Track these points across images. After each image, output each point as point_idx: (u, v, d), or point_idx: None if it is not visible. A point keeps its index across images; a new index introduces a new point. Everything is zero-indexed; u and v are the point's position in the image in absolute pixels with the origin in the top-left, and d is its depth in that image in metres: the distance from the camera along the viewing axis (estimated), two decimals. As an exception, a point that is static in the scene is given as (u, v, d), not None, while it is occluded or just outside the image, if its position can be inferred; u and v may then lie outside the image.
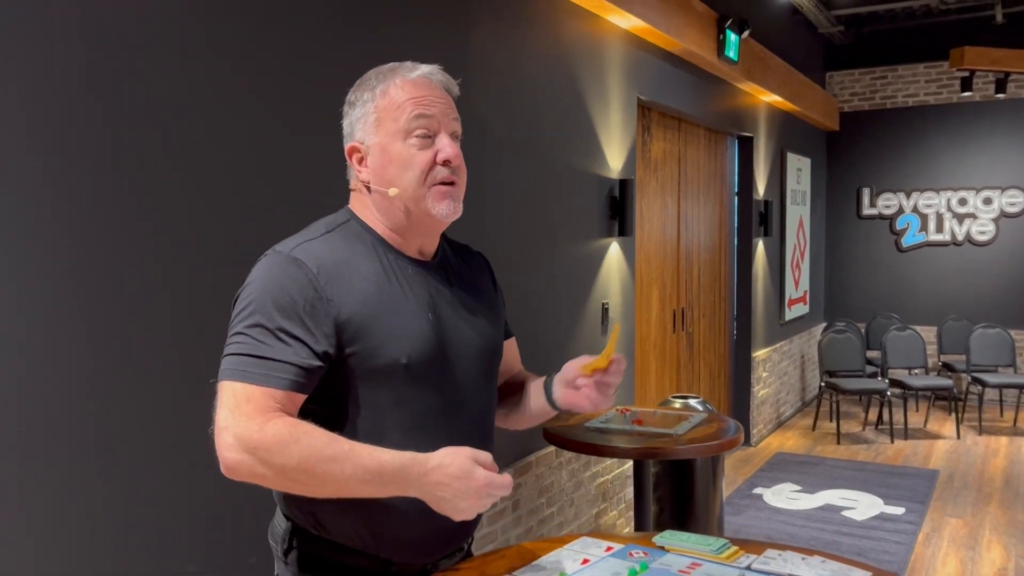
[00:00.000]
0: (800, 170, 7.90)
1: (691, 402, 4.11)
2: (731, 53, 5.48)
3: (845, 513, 5.09)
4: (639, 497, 3.59)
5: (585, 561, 1.48)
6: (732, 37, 5.46)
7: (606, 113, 4.26)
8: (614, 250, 4.39)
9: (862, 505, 5.24)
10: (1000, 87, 7.39)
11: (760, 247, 6.89)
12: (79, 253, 1.87)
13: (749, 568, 1.44)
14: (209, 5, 2.17)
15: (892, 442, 6.84)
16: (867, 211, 8.81)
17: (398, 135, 1.43)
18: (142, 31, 2.00)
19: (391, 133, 1.43)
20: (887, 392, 6.95)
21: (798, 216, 7.88)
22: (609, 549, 1.53)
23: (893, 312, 8.50)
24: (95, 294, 1.90)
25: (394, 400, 1.41)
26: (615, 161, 4.35)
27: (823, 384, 7.28)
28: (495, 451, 1.49)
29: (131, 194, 1.98)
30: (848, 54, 8.79)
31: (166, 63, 2.05)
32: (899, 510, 5.13)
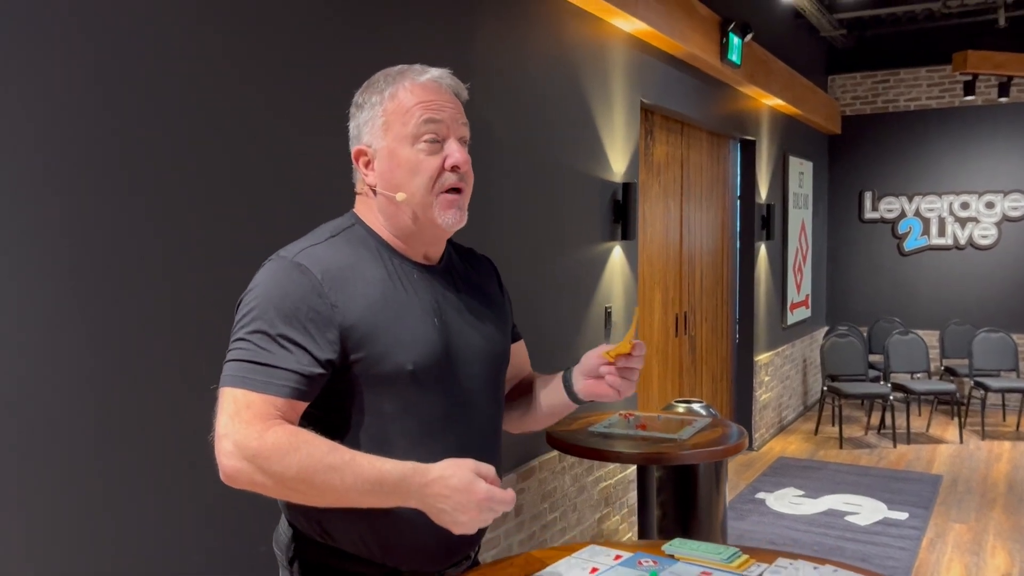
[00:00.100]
0: (802, 174, 7.89)
1: (694, 406, 4.09)
2: (734, 56, 5.47)
3: (848, 518, 5.07)
4: (643, 502, 3.57)
5: (594, 570, 1.47)
6: (735, 40, 5.45)
7: (609, 116, 4.24)
8: (617, 254, 4.37)
9: (865, 510, 5.22)
10: (1003, 91, 7.39)
11: (762, 251, 6.88)
12: (79, 253, 1.85)
13: (760, 577, 1.43)
14: (211, 5, 2.15)
15: (895, 447, 6.82)
16: (869, 215, 8.79)
17: (406, 139, 1.41)
18: (145, 31, 1.98)
19: (399, 137, 1.41)
20: (890, 396, 6.93)
21: (800, 220, 7.87)
22: (618, 558, 1.51)
23: (895, 316, 8.48)
24: (95, 294, 1.88)
25: (400, 407, 1.40)
26: (618, 164, 4.34)
27: (825, 388, 7.26)
28: (504, 456, 1.48)
29: (133, 195, 1.96)
30: (850, 58, 8.78)
31: (167, 63, 2.04)
32: (903, 515, 5.11)
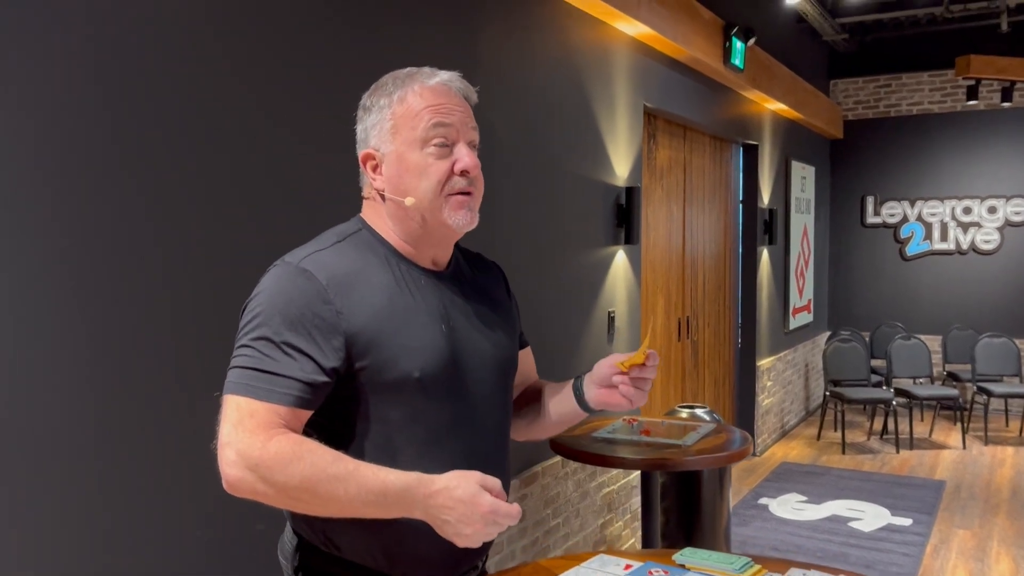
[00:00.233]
0: (804, 178, 7.87)
1: (698, 412, 4.08)
2: (737, 61, 5.46)
3: (852, 524, 5.04)
4: (647, 508, 3.55)
5: (603, 580, 1.45)
6: (738, 45, 5.44)
7: (613, 120, 4.23)
8: (620, 258, 4.35)
9: (869, 516, 5.19)
10: (1006, 96, 7.38)
11: (765, 255, 6.86)
12: (79, 254, 1.84)
13: (772, 588, 1.41)
14: (213, 6, 2.14)
15: (898, 452, 6.80)
16: (871, 219, 8.78)
17: (415, 144, 1.39)
18: (146, 31, 1.97)
19: (408, 141, 1.39)
20: (892, 401, 6.91)
21: (802, 224, 7.85)
22: (628, 567, 1.49)
23: (897, 321, 8.47)
24: (95, 295, 1.87)
25: (407, 414, 1.38)
26: (621, 168, 4.32)
27: (828, 393, 7.24)
28: (512, 464, 1.46)
29: (133, 195, 1.94)
30: (852, 62, 8.77)
31: (168, 63, 2.02)
32: (906, 521, 5.09)
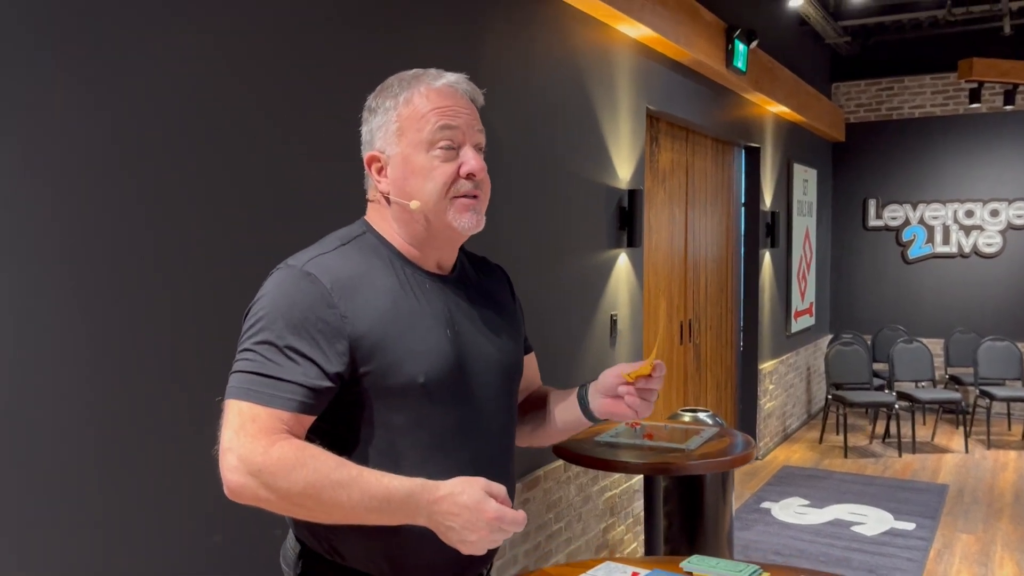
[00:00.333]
0: (806, 181, 7.86)
1: (701, 415, 4.06)
2: (739, 63, 5.44)
3: (855, 528, 5.03)
4: (650, 513, 3.53)
5: (609, 587, 1.43)
6: (740, 47, 5.43)
7: (615, 122, 4.22)
8: (623, 261, 4.34)
9: (872, 520, 5.18)
10: (1008, 99, 7.37)
11: (767, 258, 6.85)
12: (79, 254, 1.82)
13: (780, 596, 1.39)
14: (215, 7, 2.13)
15: (900, 456, 6.79)
16: (873, 222, 8.76)
17: (421, 146, 1.38)
18: (146, 31, 1.96)
19: (414, 144, 1.38)
20: (894, 405, 6.89)
21: (804, 227, 7.84)
22: (635, 574, 1.48)
23: (900, 324, 8.45)
24: (95, 296, 1.85)
25: (411, 419, 1.36)
26: (624, 171, 4.31)
27: (830, 397, 7.22)
28: (516, 470, 1.44)
29: (133, 196, 1.93)
30: (855, 65, 8.76)
31: (168, 63, 2.01)
32: (910, 525, 5.07)
